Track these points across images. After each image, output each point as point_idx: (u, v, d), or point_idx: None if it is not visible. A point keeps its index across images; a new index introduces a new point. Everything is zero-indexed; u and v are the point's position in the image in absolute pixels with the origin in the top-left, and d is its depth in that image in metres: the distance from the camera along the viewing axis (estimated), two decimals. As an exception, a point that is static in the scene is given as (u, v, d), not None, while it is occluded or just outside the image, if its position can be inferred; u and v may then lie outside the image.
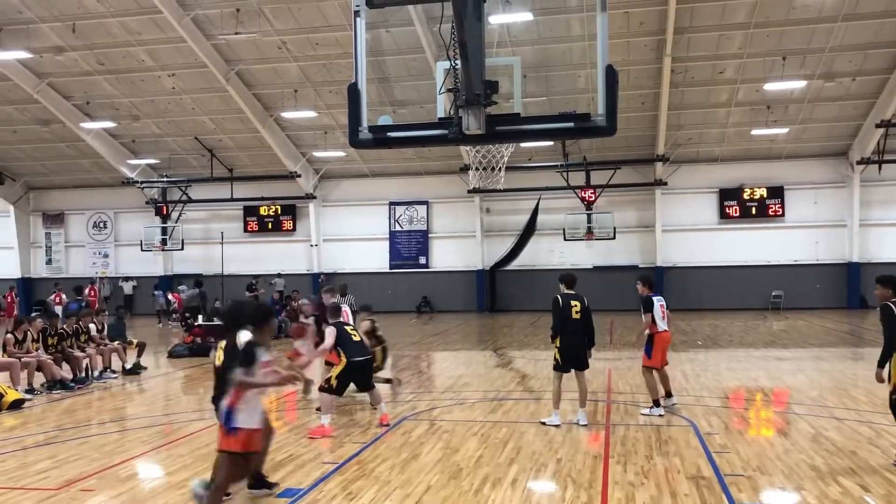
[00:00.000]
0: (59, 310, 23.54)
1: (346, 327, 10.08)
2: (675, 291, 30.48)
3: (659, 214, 31.11)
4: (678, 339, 20.71)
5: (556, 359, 9.99)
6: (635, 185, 30.74)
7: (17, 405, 11.73)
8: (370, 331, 11.93)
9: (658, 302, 10.51)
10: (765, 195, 30.68)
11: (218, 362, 6.57)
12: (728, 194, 30.96)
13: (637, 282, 10.83)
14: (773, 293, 30.32)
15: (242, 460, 5.83)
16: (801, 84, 25.14)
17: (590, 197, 30.16)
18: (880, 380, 7.66)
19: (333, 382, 9.67)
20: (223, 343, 6.59)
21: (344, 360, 9.69)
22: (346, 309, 14.20)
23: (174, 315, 28.93)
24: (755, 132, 28.32)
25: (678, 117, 27.95)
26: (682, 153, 30.11)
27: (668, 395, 10.80)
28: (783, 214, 30.57)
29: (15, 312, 25.14)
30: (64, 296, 28.79)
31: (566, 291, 10.09)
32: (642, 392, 12.30)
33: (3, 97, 28.67)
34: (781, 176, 30.61)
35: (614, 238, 30.44)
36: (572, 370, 9.97)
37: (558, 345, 9.93)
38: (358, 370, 9.80)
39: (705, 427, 9.64)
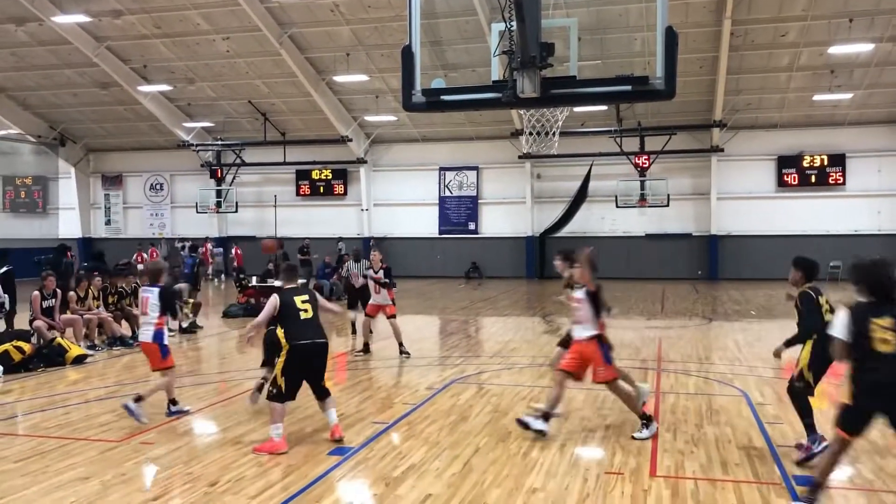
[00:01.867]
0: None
1: (296, 298, 7.55)
2: (730, 260, 29.96)
3: (714, 182, 30.47)
4: (731, 308, 20.41)
5: None
6: (691, 152, 30.11)
7: (79, 360, 12.17)
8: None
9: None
10: (825, 163, 29.79)
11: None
12: (787, 162, 30.13)
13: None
14: (832, 263, 29.53)
15: None
16: (869, 47, 24.15)
17: (643, 163, 29.68)
18: (776, 355, 7.83)
19: (281, 383, 7.34)
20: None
21: (285, 344, 7.39)
22: (354, 272, 14.28)
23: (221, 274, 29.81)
24: (817, 97, 27.42)
25: (737, 82, 27.19)
26: (739, 119, 29.36)
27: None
28: (844, 183, 29.66)
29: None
30: (145, 255, 29.87)
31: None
32: (693, 360, 12.19)
33: (64, 61, 29.28)
34: (843, 143, 29.65)
35: (668, 205, 29.97)
36: None
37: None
38: (303, 359, 7.39)
39: (757, 397, 9.52)
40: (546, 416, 7.71)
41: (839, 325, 5.55)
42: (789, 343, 7.76)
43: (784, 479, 6.47)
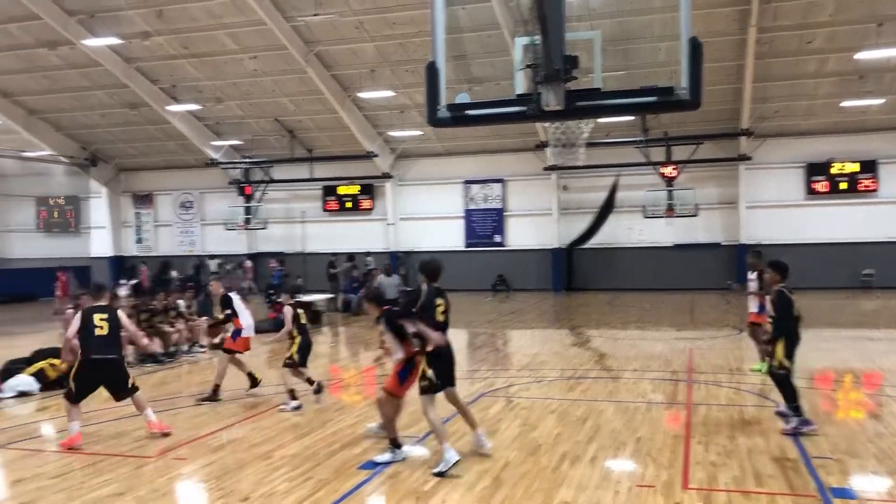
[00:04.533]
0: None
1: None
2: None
3: (743, 190, 30.18)
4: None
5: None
6: (718, 161, 29.85)
7: (113, 377, 12.32)
8: (294, 318, 10.48)
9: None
10: (856, 170, 29.39)
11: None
12: (816, 169, 29.75)
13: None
14: (864, 272, 29.10)
15: None
16: (899, 52, 23.86)
17: (671, 173, 29.48)
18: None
19: (72, 385, 8.35)
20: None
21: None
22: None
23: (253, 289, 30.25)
24: (846, 104, 27.07)
25: (763, 90, 26.96)
26: (767, 127, 29.07)
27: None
28: (876, 190, 29.22)
29: (69, 292, 25.59)
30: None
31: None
32: (724, 371, 12.06)
33: (95, 83, 29.84)
34: (875, 149, 29.22)
35: (696, 215, 29.73)
36: None
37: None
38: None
39: (791, 408, 9.38)
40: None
41: None
42: (770, 342, 8.52)
43: (820, 491, 6.37)
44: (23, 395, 11.08)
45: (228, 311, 10.81)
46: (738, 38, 24.33)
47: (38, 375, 11.51)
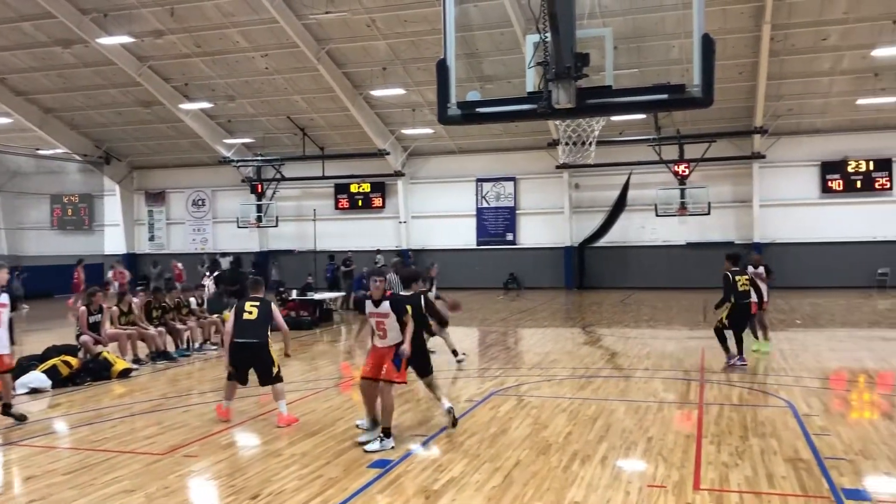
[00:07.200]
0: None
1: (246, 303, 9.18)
2: (774, 268, 29.39)
3: (756, 189, 29.99)
4: (776, 317, 20.04)
5: None
6: (732, 159, 29.66)
7: (125, 374, 12.39)
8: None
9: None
10: (871, 168, 29.15)
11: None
12: (830, 167, 29.54)
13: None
14: (879, 271, 28.87)
15: None
16: (914, 49, 23.64)
17: (683, 171, 29.33)
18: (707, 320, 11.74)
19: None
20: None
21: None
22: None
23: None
24: (861, 101, 26.86)
25: (777, 87, 26.77)
26: (781, 125, 28.89)
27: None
28: (891, 188, 28.99)
29: (83, 287, 25.73)
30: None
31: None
32: (737, 371, 11.99)
33: (109, 81, 29.99)
34: (890, 147, 28.97)
35: (709, 213, 29.55)
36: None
37: None
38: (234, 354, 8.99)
39: (804, 408, 9.32)
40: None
41: None
42: (717, 306, 12.87)
43: (832, 492, 6.31)
44: (35, 391, 11.14)
45: None
46: (753, 35, 24.18)
47: (51, 372, 11.56)
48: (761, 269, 14.37)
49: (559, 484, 6.62)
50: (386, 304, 8.15)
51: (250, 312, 9.01)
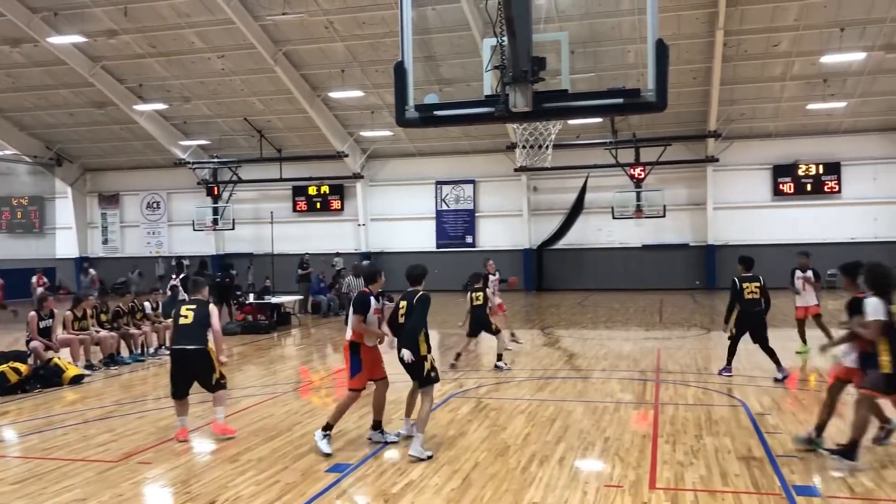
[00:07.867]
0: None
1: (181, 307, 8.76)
2: (728, 270, 29.89)
3: (710, 192, 30.54)
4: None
5: None
6: (686, 162, 30.18)
7: (77, 380, 12.13)
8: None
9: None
10: (821, 171, 29.88)
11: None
12: (782, 171, 30.21)
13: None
14: (829, 272, 29.54)
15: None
16: (861, 56, 24.28)
17: (639, 174, 29.72)
18: (726, 331, 11.80)
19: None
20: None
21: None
22: (353, 288, 14.42)
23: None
24: (811, 107, 27.51)
25: (731, 92, 27.30)
26: (734, 129, 29.46)
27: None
28: (840, 191, 29.73)
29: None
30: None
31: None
32: (692, 371, 12.18)
33: (60, 81, 29.35)
34: (838, 151, 29.74)
35: (664, 216, 29.99)
36: None
37: None
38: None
39: (756, 407, 9.50)
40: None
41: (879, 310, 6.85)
42: (726, 319, 11.67)
43: (784, 489, 6.44)
44: (-18, 399, 10.84)
45: None
46: (706, 41, 24.62)
47: (-2, 379, 11.27)
48: (810, 273, 14.15)
49: (517, 485, 6.65)
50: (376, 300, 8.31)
51: (185, 316, 8.53)
